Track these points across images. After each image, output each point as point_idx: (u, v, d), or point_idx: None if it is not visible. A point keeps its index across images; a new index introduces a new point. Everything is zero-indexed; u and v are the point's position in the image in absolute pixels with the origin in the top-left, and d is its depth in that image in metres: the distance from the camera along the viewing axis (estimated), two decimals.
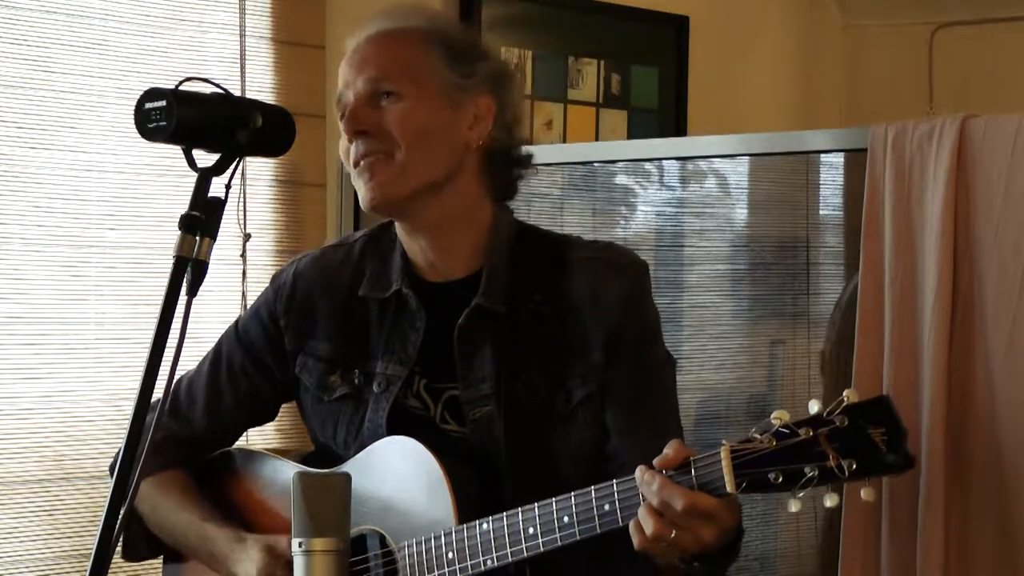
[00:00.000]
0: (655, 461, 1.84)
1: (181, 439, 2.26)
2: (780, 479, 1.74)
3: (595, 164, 3.25)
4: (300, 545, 1.64)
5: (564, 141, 4.28)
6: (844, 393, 1.75)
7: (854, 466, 1.72)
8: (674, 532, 1.81)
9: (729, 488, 1.76)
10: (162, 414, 2.21)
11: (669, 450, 1.84)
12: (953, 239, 2.49)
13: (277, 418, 2.38)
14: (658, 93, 4.57)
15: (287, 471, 2.21)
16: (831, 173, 3.06)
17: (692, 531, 1.82)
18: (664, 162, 3.21)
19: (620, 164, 3.25)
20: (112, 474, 2.32)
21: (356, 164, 2.10)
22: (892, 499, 2.51)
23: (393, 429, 2.11)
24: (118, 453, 2.28)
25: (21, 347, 3.27)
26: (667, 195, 3.25)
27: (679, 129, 4.55)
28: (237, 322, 2.32)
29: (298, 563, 1.64)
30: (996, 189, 2.47)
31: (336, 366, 2.19)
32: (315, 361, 2.21)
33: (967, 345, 2.49)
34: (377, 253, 2.21)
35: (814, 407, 1.75)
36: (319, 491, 1.66)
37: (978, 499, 2.47)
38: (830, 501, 1.75)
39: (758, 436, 1.76)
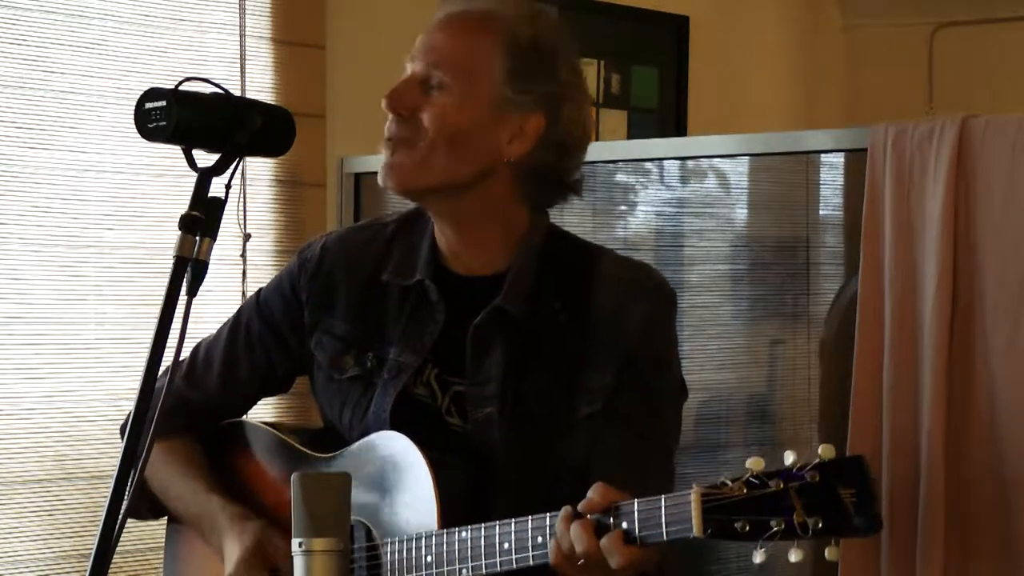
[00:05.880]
0: (580, 505, 1.85)
1: (193, 404, 2.26)
2: (747, 528, 1.72)
3: (595, 164, 3.24)
4: (300, 545, 1.64)
5: None
6: (819, 449, 1.73)
7: (820, 524, 1.69)
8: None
9: (696, 532, 1.75)
10: (184, 382, 2.22)
11: (593, 494, 1.86)
12: (953, 239, 2.49)
13: (277, 399, 2.37)
14: (658, 93, 4.57)
15: (294, 455, 2.22)
16: (831, 173, 3.06)
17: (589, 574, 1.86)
18: (664, 162, 3.21)
19: (620, 164, 3.25)
20: (122, 434, 2.32)
21: (386, 138, 2.08)
22: (892, 500, 2.51)
23: (397, 417, 2.10)
24: (128, 415, 2.29)
25: (21, 347, 3.27)
26: (667, 195, 3.25)
27: (679, 129, 4.55)
28: (259, 292, 2.30)
29: (298, 563, 1.64)
30: (996, 189, 2.47)
31: (351, 346, 2.18)
32: (330, 339, 2.20)
33: (967, 345, 2.49)
34: (407, 238, 2.19)
35: (789, 458, 1.73)
36: (319, 491, 1.66)
37: (978, 500, 2.47)
38: (795, 556, 1.72)
39: (729, 483, 1.74)
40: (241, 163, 1.75)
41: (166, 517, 2.33)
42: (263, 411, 3.09)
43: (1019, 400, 2.44)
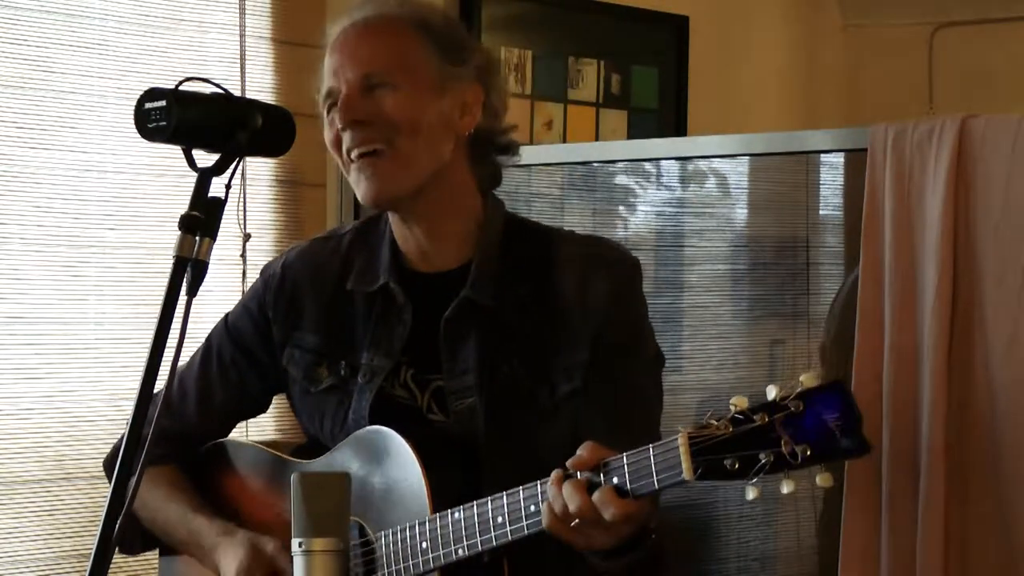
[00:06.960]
0: (568, 462, 1.86)
1: (173, 433, 2.26)
2: (736, 465, 1.73)
3: (595, 164, 3.25)
4: (300, 545, 1.64)
5: (564, 141, 4.27)
6: (800, 377, 1.75)
7: (808, 452, 1.71)
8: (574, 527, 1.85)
9: (686, 475, 1.76)
10: (161, 411, 2.22)
11: (583, 451, 1.86)
12: (953, 239, 2.49)
13: (276, 414, 2.38)
14: (658, 93, 4.57)
15: (278, 464, 2.23)
16: (831, 173, 3.06)
17: (585, 534, 1.86)
18: (664, 162, 3.21)
19: (620, 164, 3.25)
20: (107, 471, 2.33)
21: (349, 155, 2.10)
22: (892, 499, 2.51)
23: (377, 420, 2.11)
24: (113, 450, 2.30)
25: (21, 347, 3.27)
26: (667, 195, 3.25)
27: (679, 129, 4.55)
28: (227, 316, 2.33)
29: (298, 563, 1.64)
30: (996, 189, 2.47)
31: (323, 358, 2.20)
32: (302, 353, 2.21)
33: (967, 345, 2.49)
34: (366, 245, 2.22)
35: (771, 392, 1.75)
36: (319, 491, 1.66)
37: (978, 499, 2.47)
38: (786, 488, 1.73)
39: (715, 422, 1.75)
40: (241, 163, 1.75)
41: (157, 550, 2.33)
42: (264, 422, 3.09)
43: (1019, 400, 2.44)
